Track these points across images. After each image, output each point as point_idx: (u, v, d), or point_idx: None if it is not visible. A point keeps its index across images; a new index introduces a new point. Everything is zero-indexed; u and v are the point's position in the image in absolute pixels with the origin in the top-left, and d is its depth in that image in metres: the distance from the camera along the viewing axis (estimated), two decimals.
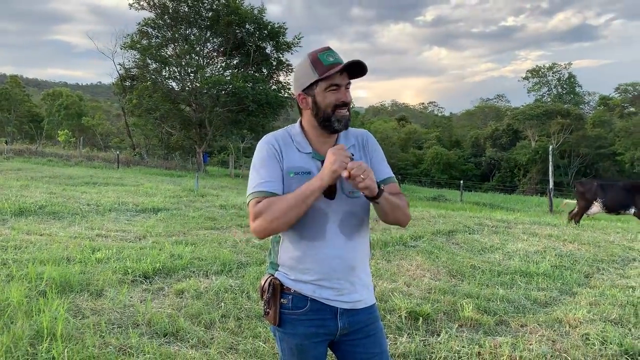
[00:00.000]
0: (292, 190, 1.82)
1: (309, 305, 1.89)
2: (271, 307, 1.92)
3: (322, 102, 1.87)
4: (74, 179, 15.55)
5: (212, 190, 15.79)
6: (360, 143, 2.02)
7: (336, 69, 1.82)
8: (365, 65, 1.83)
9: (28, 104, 62.13)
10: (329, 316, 1.90)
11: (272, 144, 1.92)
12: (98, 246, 6.31)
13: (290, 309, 1.90)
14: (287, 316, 1.91)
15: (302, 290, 1.89)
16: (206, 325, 3.99)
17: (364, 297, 1.96)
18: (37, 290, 4.37)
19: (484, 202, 25.35)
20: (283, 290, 1.92)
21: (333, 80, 1.85)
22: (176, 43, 35.30)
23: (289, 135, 1.97)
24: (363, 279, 1.97)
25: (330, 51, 1.87)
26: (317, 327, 1.90)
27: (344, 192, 1.89)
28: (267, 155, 1.90)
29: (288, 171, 1.88)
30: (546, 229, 10.05)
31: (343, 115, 1.87)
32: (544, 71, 78.73)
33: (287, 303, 1.91)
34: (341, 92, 1.86)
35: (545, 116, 54.65)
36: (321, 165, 1.84)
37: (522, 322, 4.44)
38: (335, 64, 1.83)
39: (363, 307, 1.95)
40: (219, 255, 6.14)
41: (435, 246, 7.72)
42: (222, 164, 51.62)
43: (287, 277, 1.92)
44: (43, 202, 9.53)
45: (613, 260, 7.40)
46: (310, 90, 1.89)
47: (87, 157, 30.82)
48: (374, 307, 2.02)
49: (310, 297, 1.89)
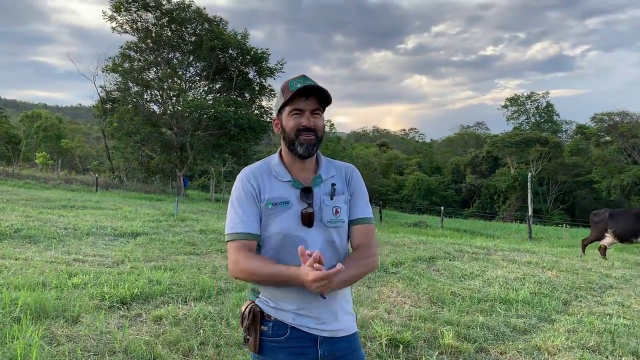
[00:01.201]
0: (272, 220, 1.87)
1: (289, 332, 1.88)
2: (251, 334, 1.91)
3: (287, 126, 1.90)
4: (51, 202, 15.31)
5: (192, 215, 15.67)
6: (343, 176, 2.02)
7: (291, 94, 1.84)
8: (322, 89, 1.85)
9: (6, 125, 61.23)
10: (309, 344, 1.89)
11: (248, 180, 1.93)
12: (75, 271, 6.19)
13: (271, 336, 1.89)
14: (267, 343, 1.90)
15: (282, 318, 1.89)
16: (184, 352, 3.93)
17: (345, 325, 1.95)
18: (11, 317, 4.26)
19: (465, 228, 25.52)
20: (263, 318, 1.91)
21: (296, 104, 1.87)
22: (158, 67, 35.34)
23: (267, 165, 1.98)
24: (344, 306, 1.97)
25: (302, 78, 1.89)
26: (297, 355, 1.88)
27: (322, 221, 1.90)
28: (243, 193, 1.91)
29: (267, 203, 1.89)
30: (525, 256, 10.14)
31: (305, 139, 1.86)
32: (522, 100, 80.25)
33: (267, 330, 1.90)
34: (304, 117, 1.87)
35: (524, 144, 55.56)
36: (300, 194, 1.88)
37: (502, 349, 4.45)
38: (307, 87, 1.85)
39: (344, 336, 1.94)
40: (198, 281, 6.07)
41: (416, 273, 7.73)
42: (202, 187, 51.37)
43: (267, 305, 1.92)
44: (19, 226, 9.36)
45: (591, 288, 7.49)
46: (280, 115, 1.94)
47: (65, 179, 30.43)
48: (355, 336, 2.01)
49: (290, 324, 1.88)
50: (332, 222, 1.90)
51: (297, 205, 1.88)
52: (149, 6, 33.20)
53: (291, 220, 1.87)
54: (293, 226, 1.87)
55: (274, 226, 1.87)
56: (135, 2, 32.91)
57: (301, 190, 1.88)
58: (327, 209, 1.90)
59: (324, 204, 1.91)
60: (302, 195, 1.88)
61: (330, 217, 1.88)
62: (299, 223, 1.85)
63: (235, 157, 38.20)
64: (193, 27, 34.54)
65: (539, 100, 79.19)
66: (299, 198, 1.88)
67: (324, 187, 1.94)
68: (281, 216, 1.87)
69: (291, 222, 1.87)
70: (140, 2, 32.95)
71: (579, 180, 53.92)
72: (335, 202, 1.93)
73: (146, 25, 34.04)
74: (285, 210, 1.86)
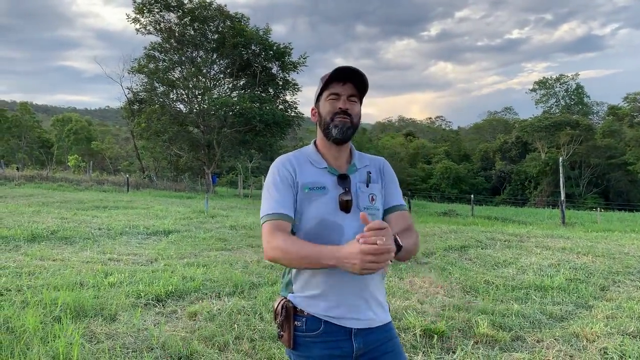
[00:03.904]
0: (308, 204, 1.85)
1: (322, 327, 1.87)
2: (285, 329, 1.91)
3: (323, 111, 1.90)
4: (84, 204, 15.66)
5: (222, 211, 15.83)
6: (377, 166, 2.03)
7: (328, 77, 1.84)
8: (359, 72, 1.83)
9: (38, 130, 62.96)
10: (343, 337, 1.87)
11: (284, 165, 1.93)
12: (110, 270, 6.33)
13: (304, 331, 1.88)
14: (301, 338, 1.89)
15: (315, 311, 1.88)
16: (220, 347, 3.98)
17: (379, 315, 1.93)
18: (52, 316, 4.38)
19: (496, 215, 25.17)
20: (296, 313, 1.90)
21: (333, 89, 1.87)
22: (183, 66, 35.72)
23: (302, 154, 1.99)
24: (377, 297, 1.94)
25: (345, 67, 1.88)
26: (332, 349, 1.87)
27: (359, 207, 1.88)
28: (279, 177, 1.91)
29: (303, 187, 1.88)
30: (559, 242, 9.96)
31: (341, 120, 1.86)
32: (551, 82, 78.62)
33: (300, 325, 1.89)
34: (340, 101, 1.86)
35: (554, 127, 54.47)
36: (337, 181, 1.88)
37: (539, 337, 4.38)
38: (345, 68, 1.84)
39: (378, 326, 1.92)
40: (231, 277, 6.14)
41: (447, 262, 7.67)
42: (231, 184, 51.82)
43: (300, 299, 1.91)
44: (55, 228, 9.60)
45: (629, 272, 7.31)
46: (317, 103, 1.95)
47: (97, 181, 31.04)
48: (390, 325, 1.99)
49: (323, 319, 1.88)
50: (368, 209, 1.89)
51: (334, 190, 1.87)
52: (171, 6, 33.57)
53: (328, 205, 1.86)
54: (330, 211, 1.85)
55: (310, 211, 1.86)
56: (158, 3, 33.30)
57: (338, 177, 1.89)
58: (363, 195, 1.90)
59: (360, 191, 1.90)
60: (339, 182, 1.88)
61: (367, 204, 1.87)
62: (335, 208, 1.84)
63: (261, 152, 38.46)
64: (215, 25, 34.79)
65: (568, 82, 77.51)
66: (336, 184, 1.88)
67: (359, 174, 1.94)
68: (318, 201, 1.86)
69: (328, 207, 1.86)
70: (163, 3, 33.32)
71: (613, 163, 52.53)
72: (371, 190, 1.93)
73: (169, 25, 34.44)
74: (321, 195, 1.85)
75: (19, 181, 26.43)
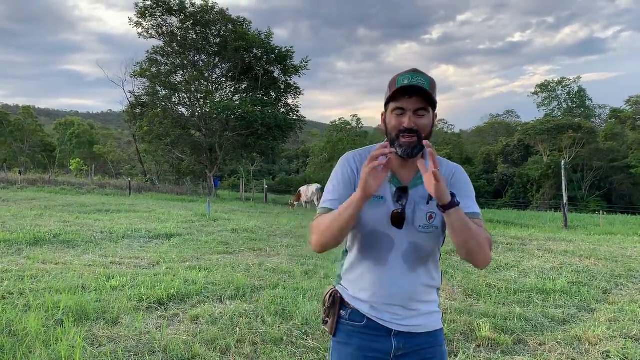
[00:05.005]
0: (365, 210, 1.75)
1: (365, 321, 1.88)
2: (330, 316, 1.94)
3: (389, 124, 1.79)
4: (86, 207, 15.68)
5: (224, 214, 15.84)
6: (448, 175, 1.90)
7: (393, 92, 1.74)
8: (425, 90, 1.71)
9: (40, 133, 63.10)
10: (383, 334, 1.87)
11: (349, 163, 1.89)
12: (112, 274, 6.33)
13: (347, 321, 1.91)
14: (343, 326, 1.92)
15: (359, 307, 1.89)
16: (222, 350, 3.98)
17: (425, 323, 1.90)
18: (54, 319, 4.39)
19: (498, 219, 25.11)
20: (343, 303, 1.93)
21: (399, 102, 1.74)
22: (185, 70, 35.81)
23: (369, 153, 1.84)
24: (421, 309, 1.89)
25: (411, 73, 1.77)
26: (371, 342, 1.87)
27: (414, 225, 1.81)
28: (341, 173, 1.88)
29: None
30: (562, 245, 9.94)
31: (405, 142, 1.73)
32: (553, 85, 78.48)
33: (345, 315, 1.92)
34: (405, 117, 1.73)
35: (557, 130, 54.36)
36: (395, 193, 1.79)
37: (541, 340, 4.37)
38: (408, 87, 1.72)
39: (423, 332, 1.89)
40: (233, 280, 6.14)
41: (450, 265, 7.66)
42: (233, 187, 51.84)
43: (347, 292, 1.93)
44: (57, 231, 9.62)
45: (631, 276, 7.30)
46: (386, 110, 1.83)
47: (99, 184, 31.09)
48: (438, 333, 1.94)
49: (367, 315, 1.88)
50: (424, 228, 1.81)
51: (391, 203, 1.80)
52: (173, 10, 33.66)
53: (382, 216, 1.79)
54: (383, 223, 1.80)
55: (366, 218, 1.80)
56: (160, 7, 33.40)
57: (397, 189, 1.79)
58: (420, 213, 1.81)
59: (418, 208, 1.81)
60: (396, 195, 1.79)
61: (423, 222, 1.78)
62: (389, 222, 1.77)
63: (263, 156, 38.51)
64: (217, 28, 34.87)
65: (570, 85, 77.33)
66: (393, 196, 1.80)
67: (423, 189, 1.80)
68: (374, 210, 1.79)
69: (382, 219, 1.79)
70: (165, 7, 33.42)
71: (615, 166, 52.38)
72: (431, 207, 1.80)
73: (171, 29, 34.54)
74: (378, 205, 1.79)
75: (22, 185, 26.49)
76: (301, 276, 6.67)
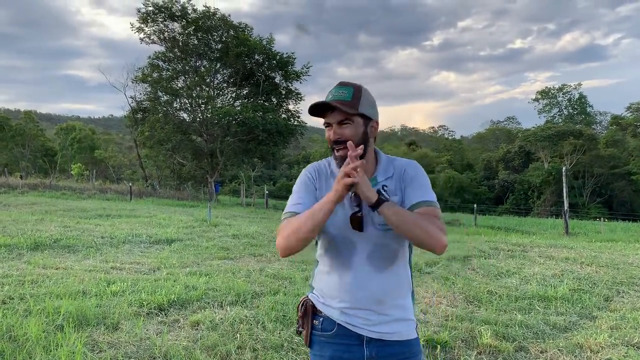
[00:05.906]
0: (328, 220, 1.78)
1: (336, 329, 1.88)
2: (304, 327, 1.96)
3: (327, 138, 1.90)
4: (87, 212, 15.68)
5: (225, 220, 15.83)
6: (398, 174, 1.91)
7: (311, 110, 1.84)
8: (330, 104, 1.79)
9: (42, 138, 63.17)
10: (355, 342, 1.86)
11: (310, 172, 1.95)
12: (113, 279, 6.32)
13: (320, 331, 1.92)
14: (317, 337, 1.92)
15: (330, 314, 1.90)
16: (222, 357, 3.97)
17: (398, 330, 1.88)
18: (54, 325, 4.38)
19: (499, 225, 25.14)
20: (315, 312, 1.94)
21: (326, 118, 1.85)
22: (187, 75, 35.89)
23: (327, 164, 1.98)
24: (393, 314, 1.88)
25: (336, 87, 1.84)
26: (343, 352, 1.87)
27: (374, 224, 1.83)
28: (302, 181, 1.94)
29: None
30: (563, 252, 9.93)
31: (339, 154, 1.82)
32: (554, 92, 78.66)
33: (318, 324, 1.92)
34: (330, 131, 1.84)
35: (557, 137, 54.44)
36: (350, 197, 1.81)
37: (542, 347, 4.36)
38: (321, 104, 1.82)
39: (397, 340, 1.88)
40: (233, 286, 6.13)
41: (450, 272, 7.65)
42: (233, 192, 51.84)
43: (318, 300, 1.94)
44: (58, 236, 9.61)
45: (633, 283, 7.28)
46: None
47: (100, 189, 31.08)
48: (413, 342, 1.92)
49: (337, 321, 1.88)
50: (384, 225, 1.81)
51: (349, 208, 1.83)
52: (175, 16, 33.77)
53: (342, 221, 1.82)
54: (344, 227, 1.82)
55: (327, 225, 1.83)
56: (162, 12, 33.51)
57: (353, 194, 1.79)
58: None
59: None
60: (352, 199, 1.81)
61: (382, 220, 1.78)
62: (349, 225, 1.80)
63: (264, 161, 38.53)
64: (219, 34, 34.98)
65: (571, 92, 77.56)
66: (351, 201, 1.82)
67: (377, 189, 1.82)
68: (335, 216, 1.79)
69: (342, 223, 1.82)
70: (167, 13, 33.54)
71: (616, 173, 52.39)
72: None
73: (173, 35, 34.64)
74: (337, 210, 1.79)
75: (23, 189, 26.50)
76: (302, 282, 6.66)
